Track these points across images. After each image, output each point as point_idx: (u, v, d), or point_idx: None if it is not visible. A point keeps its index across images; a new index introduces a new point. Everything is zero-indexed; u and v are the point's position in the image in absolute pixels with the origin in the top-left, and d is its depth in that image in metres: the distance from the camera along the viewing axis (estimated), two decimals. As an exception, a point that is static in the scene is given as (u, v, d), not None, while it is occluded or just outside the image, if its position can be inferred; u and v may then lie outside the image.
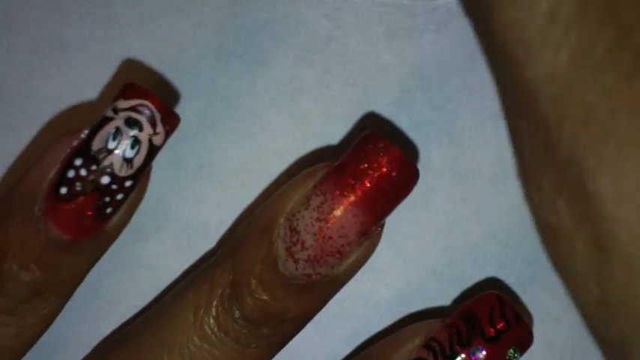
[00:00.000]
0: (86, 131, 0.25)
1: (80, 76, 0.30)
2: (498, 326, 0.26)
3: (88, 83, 0.30)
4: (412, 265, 0.30)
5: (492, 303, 0.26)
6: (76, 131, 0.26)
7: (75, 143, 0.25)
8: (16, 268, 0.25)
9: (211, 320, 0.26)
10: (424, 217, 0.30)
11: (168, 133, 0.25)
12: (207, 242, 0.30)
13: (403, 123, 0.30)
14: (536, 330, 0.30)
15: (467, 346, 0.26)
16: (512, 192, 0.30)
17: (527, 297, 0.30)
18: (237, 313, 0.26)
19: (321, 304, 0.27)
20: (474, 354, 0.26)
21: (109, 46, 0.30)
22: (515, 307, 0.26)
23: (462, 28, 0.30)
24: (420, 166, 0.30)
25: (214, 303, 0.26)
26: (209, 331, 0.26)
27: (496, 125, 0.30)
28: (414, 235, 0.30)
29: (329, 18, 0.30)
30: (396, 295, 0.30)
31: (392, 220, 0.29)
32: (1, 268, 0.25)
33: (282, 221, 0.26)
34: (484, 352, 0.25)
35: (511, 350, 0.26)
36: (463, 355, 0.26)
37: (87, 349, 0.29)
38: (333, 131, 0.30)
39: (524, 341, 0.26)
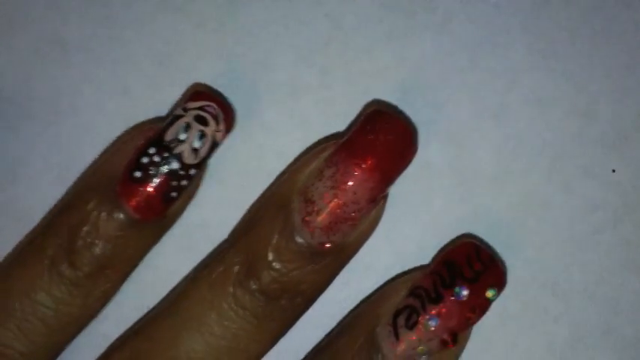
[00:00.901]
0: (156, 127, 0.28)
1: (80, 76, 0.30)
2: (476, 267, 0.27)
3: (88, 83, 0.30)
4: (412, 265, 0.30)
5: (469, 249, 0.28)
6: (146, 127, 0.28)
7: (147, 136, 0.28)
8: (89, 241, 0.28)
9: (229, 297, 0.27)
10: (424, 217, 0.30)
11: (226, 132, 0.28)
12: (207, 242, 0.30)
13: (403, 123, 0.30)
14: (536, 330, 0.30)
15: (450, 287, 0.27)
16: (511, 192, 0.30)
17: (527, 297, 0.30)
18: (254, 287, 0.27)
19: (332, 275, 0.29)
20: (457, 294, 0.27)
21: (109, 46, 0.30)
22: (489, 251, 0.28)
23: (462, 28, 0.30)
24: (420, 166, 0.30)
25: (231, 280, 0.27)
26: (226, 307, 0.27)
27: (496, 125, 0.30)
28: (414, 235, 0.30)
29: (329, 18, 0.30)
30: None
31: (392, 220, 0.30)
32: (76, 242, 0.28)
33: (296, 194, 0.28)
34: (466, 292, 0.27)
35: (491, 291, 0.27)
36: (449, 297, 0.27)
37: (87, 349, 0.29)
38: (333, 131, 0.30)
39: (499, 281, 0.27)
